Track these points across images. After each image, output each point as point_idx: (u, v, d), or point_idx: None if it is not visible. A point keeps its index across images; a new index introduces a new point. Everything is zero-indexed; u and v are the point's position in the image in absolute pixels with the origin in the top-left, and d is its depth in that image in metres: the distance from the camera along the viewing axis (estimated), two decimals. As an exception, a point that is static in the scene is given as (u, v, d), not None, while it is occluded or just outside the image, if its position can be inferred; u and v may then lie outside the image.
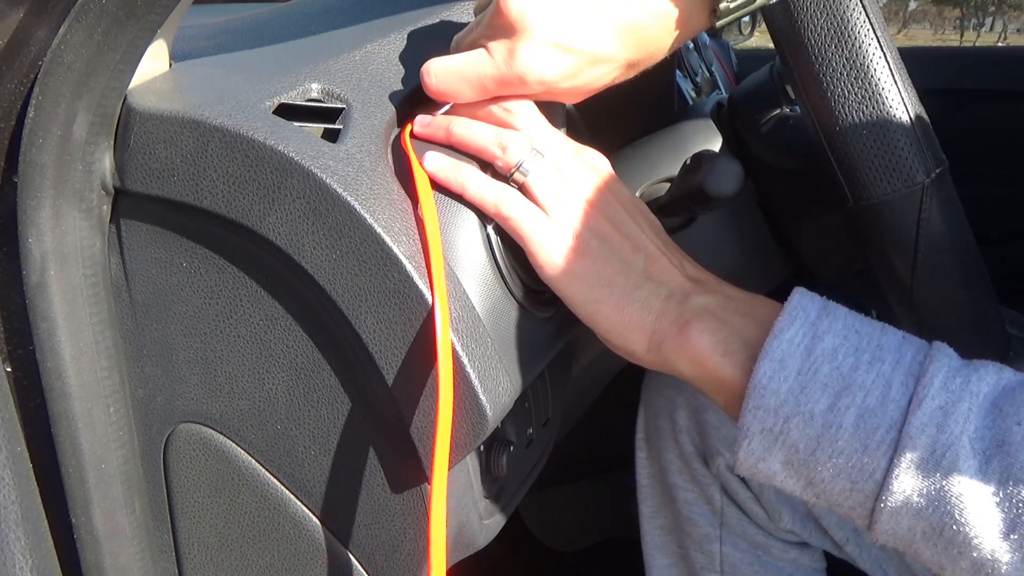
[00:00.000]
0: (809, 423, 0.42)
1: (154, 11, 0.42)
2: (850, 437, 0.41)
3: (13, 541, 0.45)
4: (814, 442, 0.42)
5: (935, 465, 0.40)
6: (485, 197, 0.47)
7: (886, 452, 0.41)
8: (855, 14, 0.51)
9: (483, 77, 0.47)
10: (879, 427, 0.41)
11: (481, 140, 0.48)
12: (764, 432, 0.43)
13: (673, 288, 0.48)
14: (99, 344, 0.47)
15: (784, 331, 0.43)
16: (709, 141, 0.70)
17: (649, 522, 0.80)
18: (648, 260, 0.49)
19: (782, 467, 0.44)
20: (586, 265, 0.47)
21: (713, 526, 0.75)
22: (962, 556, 0.40)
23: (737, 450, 0.45)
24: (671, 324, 0.46)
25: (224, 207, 0.44)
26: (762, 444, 0.44)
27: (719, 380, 0.45)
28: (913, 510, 0.40)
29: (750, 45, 1.87)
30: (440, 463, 0.42)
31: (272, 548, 0.50)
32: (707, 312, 0.46)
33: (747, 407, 0.43)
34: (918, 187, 0.51)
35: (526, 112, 0.49)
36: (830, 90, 0.52)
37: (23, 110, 0.43)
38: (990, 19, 35.15)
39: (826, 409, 0.42)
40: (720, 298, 0.48)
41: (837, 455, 0.42)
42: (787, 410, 0.42)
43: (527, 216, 0.47)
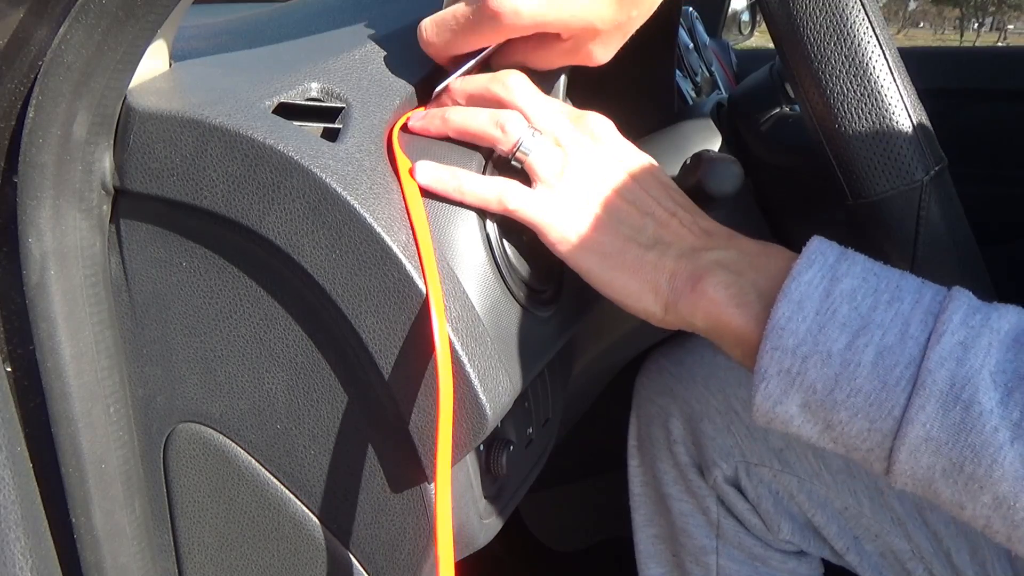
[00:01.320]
0: (827, 362, 0.42)
1: (154, 11, 0.42)
2: (868, 375, 0.41)
3: (13, 541, 0.45)
4: (832, 381, 0.42)
5: (955, 399, 0.39)
6: (486, 196, 0.47)
7: (905, 388, 0.40)
8: (854, 13, 0.52)
9: (463, 18, 0.47)
10: (898, 364, 0.41)
11: (478, 124, 0.48)
12: (782, 373, 0.43)
13: (684, 247, 0.48)
14: (99, 344, 0.47)
15: (803, 273, 0.43)
16: (709, 141, 0.70)
17: (642, 531, 0.79)
18: (657, 223, 0.49)
19: (799, 410, 0.43)
20: (596, 236, 0.48)
21: (709, 538, 0.75)
22: (983, 491, 0.39)
23: (754, 394, 0.44)
24: (684, 282, 0.46)
25: (224, 207, 0.44)
26: (780, 386, 0.43)
27: (734, 332, 0.45)
28: (933, 446, 0.40)
29: (750, 45, 1.87)
30: (443, 456, 0.42)
31: (272, 548, 0.50)
32: (719, 266, 0.46)
33: (764, 348, 0.43)
34: (917, 185, 0.52)
35: (519, 86, 0.49)
36: (829, 88, 0.52)
37: (23, 110, 0.43)
38: (990, 19, 35.13)
39: (844, 348, 0.42)
40: (733, 252, 0.48)
41: (855, 394, 0.41)
42: (805, 350, 0.42)
43: (531, 202, 0.47)
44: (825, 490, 0.70)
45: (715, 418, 0.72)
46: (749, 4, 1.68)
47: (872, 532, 0.69)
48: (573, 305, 0.55)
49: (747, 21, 1.71)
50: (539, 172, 0.48)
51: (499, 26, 0.46)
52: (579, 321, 0.56)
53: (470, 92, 0.50)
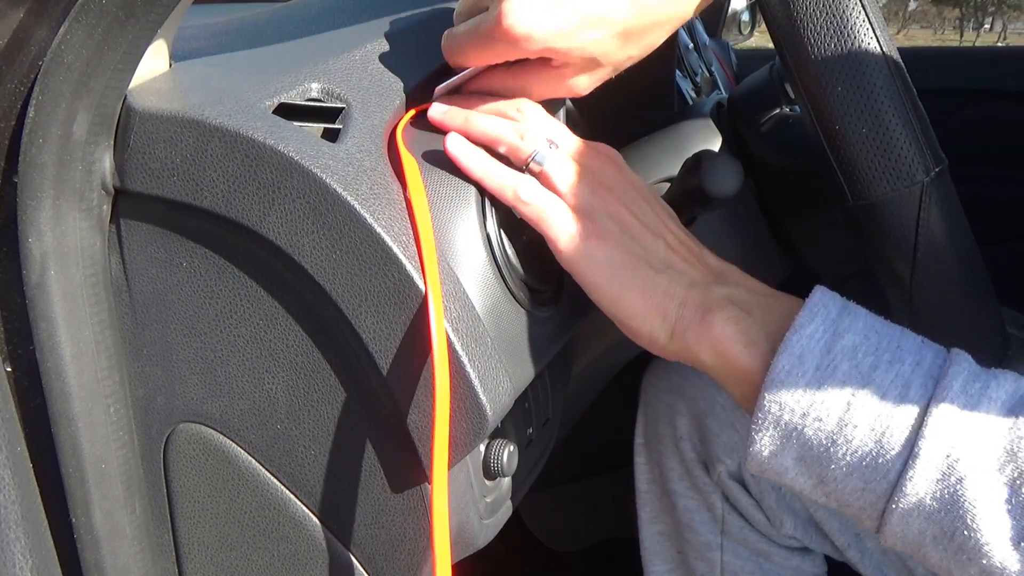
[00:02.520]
0: (825, 420, 0.42)
1: (154, 11, 0.42)
2: (866, 436, 0.41)
3: (13, 541, 0.45)
4: (829, 439, 0.42)
5: (950, 469, 0.39)
6: (503, 183, 0.47)
7: (901, 453, 0.41)
8: (854, 13, 0.51)
9: (480, 34, 0.47)
10: (895, 428, 0.41)
11: (500, 129, 0.49)
12: (779, 427, 0.43)
13: (695, 277, 0.48)
14: (99, 344, 0.47)
15: (804, 326, 0.43)
16: (709, 141, 0.70)
17: (648, 527, 0.79)
18: (668, 248, 0.49)
19: (794, 463, 0.44)
20: (607, 251, 0.47)
21: (714, 534, 0.75)
22: (971, 562, 0.40)
23: (749, 445, 0.44)
24: (694, 312, 0.46)
25: (224, 207, 0.44)
26: (776, 439, 0.43)
27: (739, 371, 0.45)
28: (925, 513, 0.40)
29: (750, 45, 1.87)
30: (440, 455, 0.41)
31: (272, 548, 0.50)
32: (730, 302, 0.46)
33: (763, 400, 0.43)
34: (917, 186, 0.51)
35: (534, 109, 0.50)
36: (829, 88, 0.52)
37: (23, 110, 0.43)
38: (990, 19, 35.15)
39: (843, 407, 0.42)
40: (742, 290, 0.48)
41: (851, 453, 0.41)
42: (803, 405, 0.42)
43: (546, 202, 0.47)
44: None
45: (720, 414, 0.72)
46: (749, 4, 1.68)
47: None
48: (573, 305, 0.55)
49: (747, 21, 1.71)
50: (555, 180, 0.48)
51: (510, 47, 0.47)
52: (579, 321, 0.56)
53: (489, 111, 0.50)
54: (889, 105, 0.51)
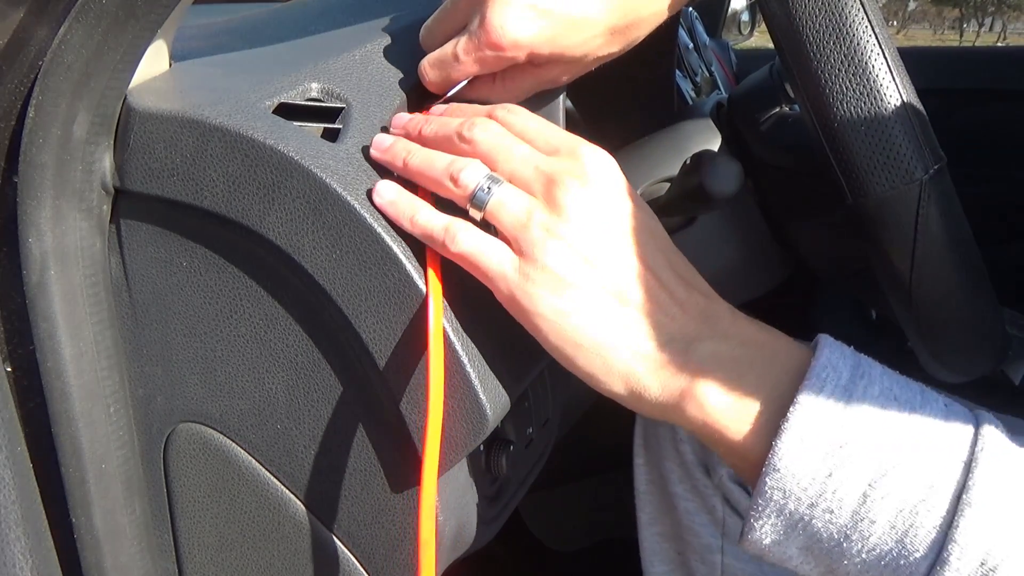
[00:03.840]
0: (837, 512, 0.36)
1: (154, 11, 0.42)
2: (884, 534, 0.36)
3: (13, 541, 0.45)
4: (841, 534, 0.37)
5: None
6: (433, 232, 0.41)
7: (926, 556, 0.35)
8: (854, 12, 0.52)
9: (466, 56, 0.47)
10: (920, 527, 0.35)
11: (434, 173, 0.43)
12: (782, 515, 0.38)
13: (674, 330, 0.40)
14: (99, 344, 0.47)
15: (812, 396, 0.37)
16: (709, 141, 0.70)
17: (647, 529, 0.79)
18: (642, 293, 0.40)
19: (799, 552, 0.39)
20: (557, 307, 0.40)
21: (715, 536, 0.75)
22: None
23: (747, 531, 0.39)
24: (670, 378, 0.39)
25: (224, 207, 0.44)
26: (779, 528, 0.38)
27: (728, 445, 0.39)
28: None
29: (750, 45, 1.87)
30: (430, 459, 0.41)
31: (272, 548, 0.50)
32: (717, 363, 0.39)
33: (762, 486, 0.37)
34: (916, 183, 0.51)
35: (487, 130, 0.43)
36: (828, 86, 0.52)
37: (23, 110, 0.43)
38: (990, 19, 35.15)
39: (858, 499, 0.36)
40: (734, 343, 0.40)
41: (868, 551, 0.36)
42: (811, 495, 0.37)
43: (481, 249, 0.41)
44: None
45: None
46: (749, 4, 1.68)
47: None
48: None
49: (747, 21, 1.72)
50: (500, 223, 0.41)
51: (500, 57, 0.47)
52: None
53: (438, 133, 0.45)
54: (888, 103, 0.51)
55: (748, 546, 0.40)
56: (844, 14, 0.51)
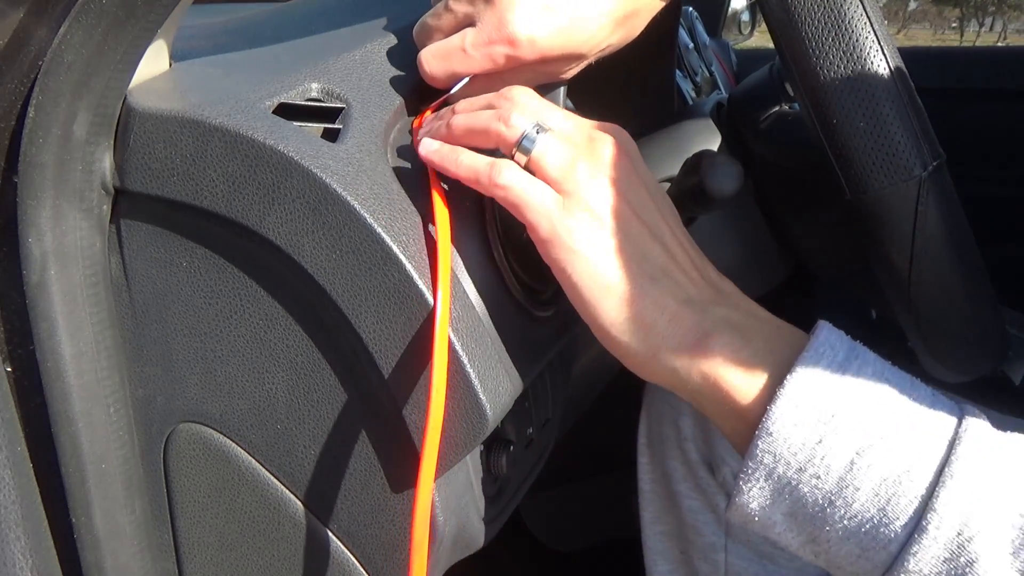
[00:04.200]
0: (824, 478, 0.38)
1: (154, 11, 0.42)
2: (868, 501, 0.37)
3: (13, 541, 0.45)
4: (826, 499, 0.38)
5: (960, 548, 0.36)
6: (478, 168, 0.42)
7: (906, 524, 0.37)
8: (854, 12, 0.52)
9: (475, 51, 0.47)
10: (903, 495, 0.37)
11: (481, 121, 0.44)
12: (771, 479, 0.39)
13: (692, 292, 0.42)
14: (99, 344, 0.47)
15: (808, 367, 0.39)
16: (709, 141, 0.70)
17: (650, 527, 0.79)
18: (667, 254, 0.43)
19: (784, 518, 0.40)
20: (596, 245, 0.41)
21: (718, 535, 0.75)
22: None
23: (735, 494, 0.40)
24: (687, 332, 0.41)
25: (224, 207, 0.44)
26: (766, 492, 0.39)
27: (733, 404, 0.40)
28: None
29: (750, 45, 1.87)
30: (428, 461, 0.41)
31: (272, 548, 0.50)
32: (729, 325, 0.41)
33: (754, 449, 0.39)
34: (915, 180, 0.51)
35: (523, 92, 0.45)
36: (827, 83, 0.52)
37: (23, 110, 0.43)
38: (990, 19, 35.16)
39: (845, 466, 0.37)
40: (743, 313, 0.42)
41: (850, 517, 0.38)
42: (801, 460, 0.38)
43: (525, 184, 0.42)
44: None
45: None
46: (749, 4, 1.68)
47: None
48: (573, 305, 0.55)
49: (747, 21, 1.72)
50: (542, 165, 0.42)
51: (511, 55, 0.46)
52: (579, 321, 0.56)
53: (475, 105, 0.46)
54: (887, 100, 0.51)
55: (735, 512, 0.41)
56: (844, 13, 0.52)
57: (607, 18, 0.47)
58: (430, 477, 0.41)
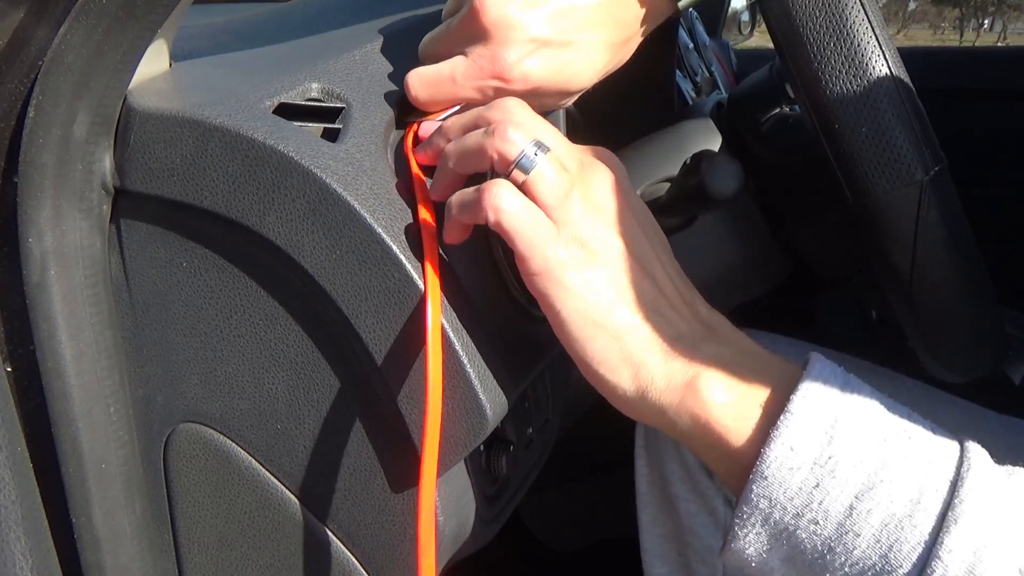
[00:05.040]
0: (823, 524, 0.37)
1: (154, 11, 0.42)
2: (869, 547, 0.36)
3: (13, 541, 0.45)
4: (826, 546, 0.37)
5: None
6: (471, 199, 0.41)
7: (910, 572, 0.35)
8: (854, 13, 0.52)
9: (465, 82, 0.47)
10: (906, 541, 0.35)
11: (474, 142, 0.42)
12: (767, 524, 0.38)
13: (682, 329, 0.41)
14: (99, 344, 0.47)
15: (802, 408, 0.37)
16: (709, 141, 0.70)
17: (648, 530, 0.79)
18: (657, 289, 0.42)
19: (781, 564, 0.39)
20: (587, 282, 0.40)
21: (716, 538, 0.75)
22: None
23: (731, 539, 0.39)
24: (677, 371, 0.40)
25: (224, 207, 0.44)
26: (763, 538, 0.38)
27: (725, 447, 0.39)
28: None
29: (750, 45, 1.87)
30: (429, 458, 0.41)
31: (272, 548, 0.50)
32: (721, 363, 0.40)
33: (749, 493, 0.38)
34: (916, 184, 0.52)
35: (520, 108, 0.43)
36: (829, 88, 0.52)
37: (23, 110, 0.43)
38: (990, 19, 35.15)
39: (844, 511, 0.36)
40: (734, 351, 0.41)
41: (851, 564, 0.36)
42: (797, 505, 0.37)
43: (522, 212, 0.40)
44: None
45: None
46: (749, 4, 1.68)
47: None
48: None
49: (747, 21, 1.72)
50: (539, 189, 0.41)
51: (502, 89, 0.46)
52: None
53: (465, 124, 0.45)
54: (888, 104, 0.51)
55: (729, 556, 0.40)
56: (844, 14, 0.52)
57: (603, 46, 0.47)
58: (432, 476, 0.41)
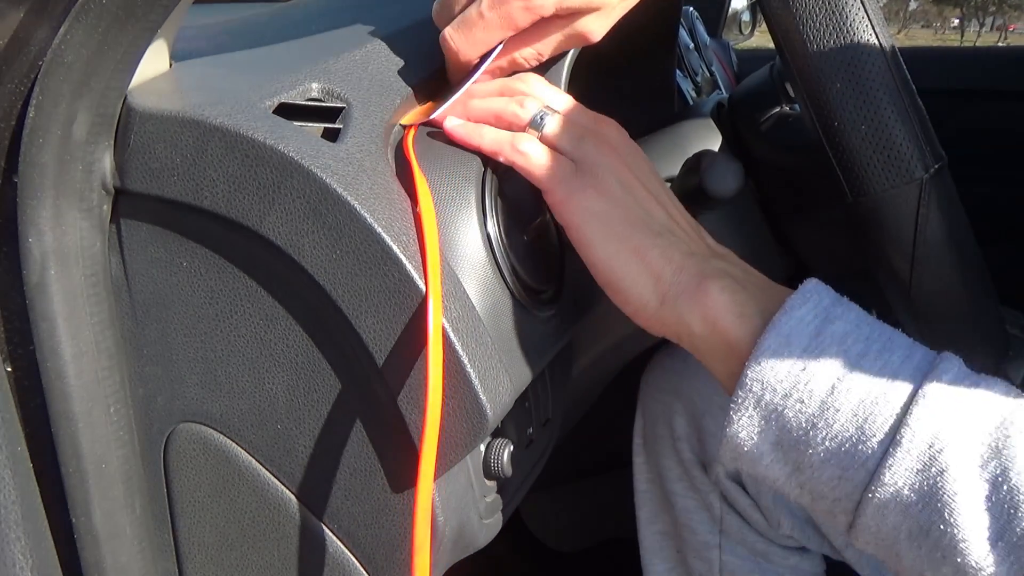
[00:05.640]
0: (807, 402, 0.41)
1: (154, 11, 0.42)
2: (847, 421, 0.40)
3: (13, 541, 0.45)
4: (809, 422, 0.41)
5: (932, 459, 0.39)
6: (501, 139, 0.48)
7: (882, 440, 0.40)
8: (854, 12, 0.52)
9: (491, 8, 0.47)
10: (879, 415, 0.40)
11: (497, 104, 0.49)
12: (759, 406, 0.42)
13: (694, 247, 0.47)
14: (99, 344, 0.47)
15: (795, 308, 0.42)
16: (709, 141, 0.70)
17: (647, 527, 0.80)
18: (668, 215, 0.48)
19: (771, 448, 0.43)
20: (605, 205, 0.46)
21: (712, 533, 0.75)
22: (945, 561, 0.39)
23: (726, 425, 0.43)
24: (690, 278, 0.45)
25: (224, 207, 0.44)
26: (755, 420, 0.42)
27: (728, 343, 0.44)
28: (902, 505, 0.39)
29: (750, 45, 1.87)
30: (427, 458, 0.41)
31: (272, 548, 0.50)
32: (727, 274, 0.45)
33: (745, 378, 0.42)
34: (916, 182, 0.52)
35: (537, 80, 0.51)
36: (829, 86, 0.52)
37: (23, 110, 0.42)
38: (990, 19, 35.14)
39: (827, 390, 0.41)
40: (740, 269, 0.47)
41: (831, 439, 0.41)
42: (786, 386, 0.41)
43: (541, 154, 0.47)
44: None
45: (717, 414, 0.72)
46: (749, 4, 1.68)
47: None
48: (573, 305, 0.55)
49: (747, 21, 1.72)
50: (554, 139, 0.48)
51: (528, 8, 0.46)
52: (579, 321, 0.56)
53: (490, 91, 0.51)
54: (888, 102, 0.51)
55: (726, 448, 0.44)
56: (844, 14, 0.51)
57: None
58: (430, 476, 0.41)
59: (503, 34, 0.48)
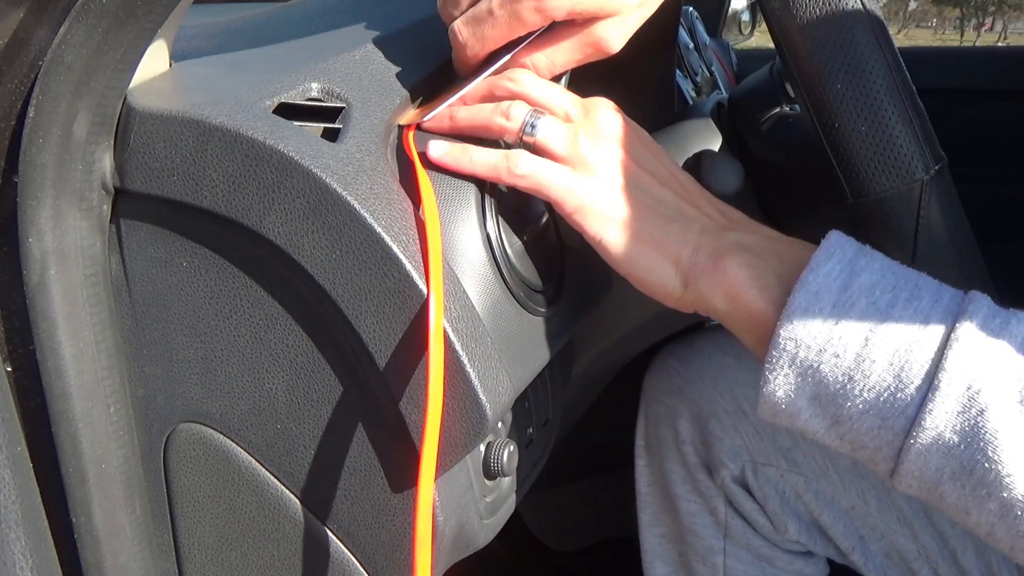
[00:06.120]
0: (842, 356, 0.41)
1: (154, 11, 0.42)
2: (883, 371, 0.40)
3: (13, 541, 0.45)
4: (846, 375, 0.41)
5: (971, 401, 0.39)
6: (496, 163, 0.47)
7: (920, 387, 0.40)
8: (854, 11, 0.52)
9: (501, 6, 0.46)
10: (915, 362, 0.40)
11: (482, 116, 0.48)
12: (794, 364, 0.42)
13: (706, 223, 0.47)
14: (99, 344, 0.47)
15: (821, 265, 0.43)
16: (709, 141, 0.70)
17: (648, 530, 0.79)
18: (676, 196, 0.48)
19: (808, 403, 0.43)
20: (616, 203, 0.46)
21: (717, 538, 0.75)
22: (990, 497, 0.39)
23: (763, 384, 0.43)
24: (707, 257, 0.46)
25: (224, 207, 0.44)
26: (790, 377, 0.42)
27: (752, 314, 0.44)
28: (944, 448, 0.39)
29: (750, 45, 1.87)
30: (428, 458, 0.41)
31: (272, 548, 0.50)
32: (741, 247, 0.46)
33: (777, 338, 0.42)
34: (917, 183, 0.51)
35: (523, 76, 0.49)
36: (829, 87, 0.52)
37: (23, 110, 0.43)
38: (990, 19, 35.15)
39: (860, 342, 0.41)
40: (753, 235, 0.47)
41: (868, 390, 0.41)
42: (820, 342, 0.41)
43: (542, 168, 0.47)
44: (832, 489, 0.70)
45: (723, 418, 0.72)
46: (749, 4, 1.68)
47: (878, 532, 0.69)
48: (573, 305, 0.55)
49: (747, 21, 1.72)
50: (549, 146, 0.47)
51: (539, 9, 0.46)
52: (579, 321, 0.56)
53: (476, 94, 0.50)
54: (889, 103, 0.51)
55: (763, 406, 0.44)
56: (844, 14, 0.51)
57: None
58: (430, 476, 0.41)
59: (512, 33, 0.48)
